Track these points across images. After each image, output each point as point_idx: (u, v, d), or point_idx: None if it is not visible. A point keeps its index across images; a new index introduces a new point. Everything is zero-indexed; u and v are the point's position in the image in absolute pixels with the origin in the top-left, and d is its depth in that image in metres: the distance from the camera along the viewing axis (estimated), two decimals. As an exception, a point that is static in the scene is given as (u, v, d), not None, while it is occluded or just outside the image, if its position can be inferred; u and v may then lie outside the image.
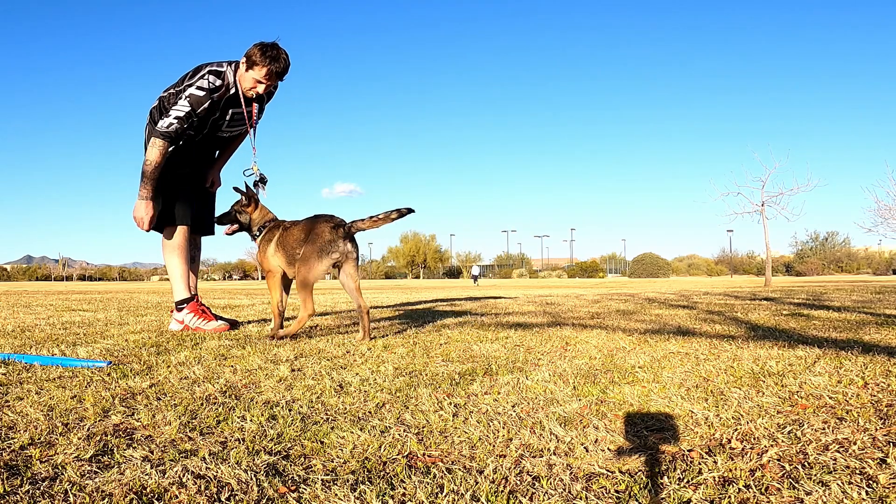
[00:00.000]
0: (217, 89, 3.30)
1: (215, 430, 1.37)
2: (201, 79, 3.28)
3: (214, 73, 3.31)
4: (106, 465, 1.14)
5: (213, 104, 3.34)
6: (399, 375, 1.99)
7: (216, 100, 3.34)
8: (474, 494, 1.01)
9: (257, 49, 3.26)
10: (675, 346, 2.62)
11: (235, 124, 3.55)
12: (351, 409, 1.56)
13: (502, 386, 1.81)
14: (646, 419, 1.43)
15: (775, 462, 1.13)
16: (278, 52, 3.27)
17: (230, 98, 3.40)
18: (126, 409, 1.54)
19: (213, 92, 3.29)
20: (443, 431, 1.35)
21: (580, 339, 2.91)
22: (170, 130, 3.24)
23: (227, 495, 1.01)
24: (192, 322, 3.50)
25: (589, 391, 1.72)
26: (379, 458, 1.19)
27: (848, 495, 0.98)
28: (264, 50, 3.25)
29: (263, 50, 3.25)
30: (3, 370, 2.08)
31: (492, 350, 2.56)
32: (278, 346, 2.73)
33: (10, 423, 1.42)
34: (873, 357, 2.18)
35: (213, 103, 3.33)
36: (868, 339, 2.78)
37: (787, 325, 3.50)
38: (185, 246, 3.59)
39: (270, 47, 3.26)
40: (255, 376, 1.99)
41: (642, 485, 1.04)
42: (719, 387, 1.75)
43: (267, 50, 3.25)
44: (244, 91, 3.38)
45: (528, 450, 1.23)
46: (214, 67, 3.33)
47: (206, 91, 3.26)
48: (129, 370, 2.09)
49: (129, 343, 2.87)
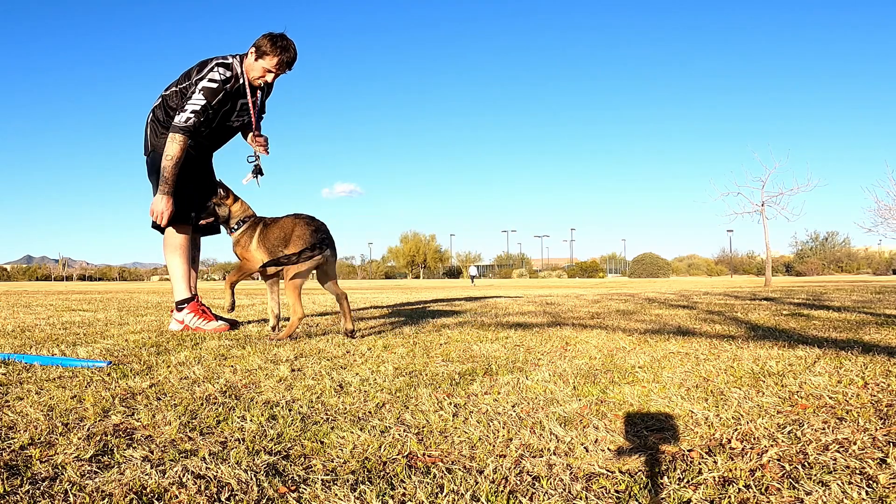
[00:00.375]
0: (228, 80, 3.37)
1: (215, 430, 1.37)
2: (212, 72, 3.34)
3: (223, 66, 3.37)
4: (106, 465, 1.14)
5: (227, 95, 3.40)
6: (399, 375, 1.99)
7: (229, 91, 3.40)
8: (474, 494, 1.01)
9: (267, 39, 3.33)
10: (675, 346, 2.63)
11: (243, 114, 3.59)
12: (351, 409, 1.56)
13: (502, 386, 1.81)
14: (646, 419, 1.43)
15: (775, 462, 1.13)
16: (287, 42, 3.36)
17: (238, 88, 3.46)
18: (126, 409, 1.54)
19: (226, 83, 3.37)
20: (443, 431, 1.35)
21: (580, 339, 2.91)
22: (188, 125, 3.30)
23: (227, 495, 1.01)
24: (193, 322, 3.50)
25: (589, 391, 1.72)
26: (379, 458, 1.19)
27: (848, 495, 0.98)
28: (274, 40, 3.33)
29: (273, 40, 3.33)
30: (3, 370, 2.08)
31: (492, 350, 2.56)
32: (278, 346, 2.73)
33: (10, 423, 1.42)
34: (873, 357, 2.18)
35: (226, 94, 3.39)
36: (868, 339, 2.78)
37: (787, 325, 3.50)
38: (187, 246, 3.60)
39: (280, 37, 3.35)
40: (255, 376, 1.99)
41: (642, 485, 1.04)
42: (719, 387, 1.75)
43: (277, 40, 3.34)
44: (252, 80, 3.44)
45: (528, 450, 1.23)
46: (221, 60, 3.39)
47: (218, 83, 3.33)
48: (129, 370, 2.09)
49: (129, 343, 2.87)
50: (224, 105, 3.45)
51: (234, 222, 3.31)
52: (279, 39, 3.34)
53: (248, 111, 3.56)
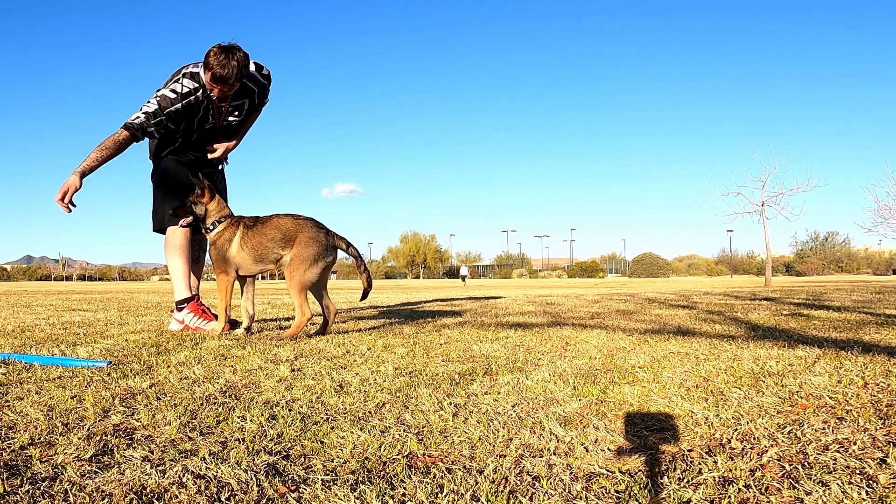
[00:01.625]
0: (191, 93, 3.26)
1: (215, 430, 1.37)
2: (176, 82, 3.26)
3: (190, 77, 3.26)
4: (106, 465, 1.14)
5: (190, 106, 3.29)
6: (399, 375, 1.99)
7: (193, 102, 3.29)
8: (474, 494, 1.01)
9: (210, 51, 3.13)
10: (675, 346, 2.62)
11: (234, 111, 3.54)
12: (351, 409, 1.56)
13: (502, 386, 1.81)
14: (646, 419, 1.43)
15: (775, 462, 1.13)
16: (228, 58, 3.10)
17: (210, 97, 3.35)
18: (126, 409, 1.54)
19: (186, 97, 3.25)
20: (443, 431, 1.35)
21: (580, 339, 2.91)
22: (134, 123, 3.20)
23: (227, 495, 1.01)
24: (192, 322, 3.50)
25: (589, 391, 1.72)
26: (379, 458, 1.19)
27: (848, 495, 0.98)
28: (215, 53, 3.11)
29: (215, 53, 3.11)
30: (3, 370, 2.08)
31: (492, 350, 2.56)
32: (278, 346, 2.73)
33: (10, 423, 1.42)
34: (873, 357, 2.18)
35: (188, 106, 3.28)
36: (868, 339, 2.78)
37: (787, 325, 3.50)
38: (187, 246, 3.59)
39: (222, 51, 3.11)
40: (255, 376, 1.99)
41: (642, 485, 1.04)
42: (719, 387, 1.75)
43: (217, 54, 3.11)
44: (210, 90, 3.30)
45: (528, 450, 1.23)
46: (192, 69, 3.28)
47: (177, 94, 3.23)
48: (129, 370, 2.09)
49: (129, 343, 2.87)
50: (193, 114, 3.35)
51: (209, 222, 3.24)
52: (220, 53, 3.10)
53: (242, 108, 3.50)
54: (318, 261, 3.07)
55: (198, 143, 3.61)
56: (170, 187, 3.56)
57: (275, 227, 3.11)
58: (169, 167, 3.57)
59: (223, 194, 3.78)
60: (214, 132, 3.59)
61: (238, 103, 3.51)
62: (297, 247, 3.04)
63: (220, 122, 3.52)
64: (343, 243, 3.17)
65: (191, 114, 3.36)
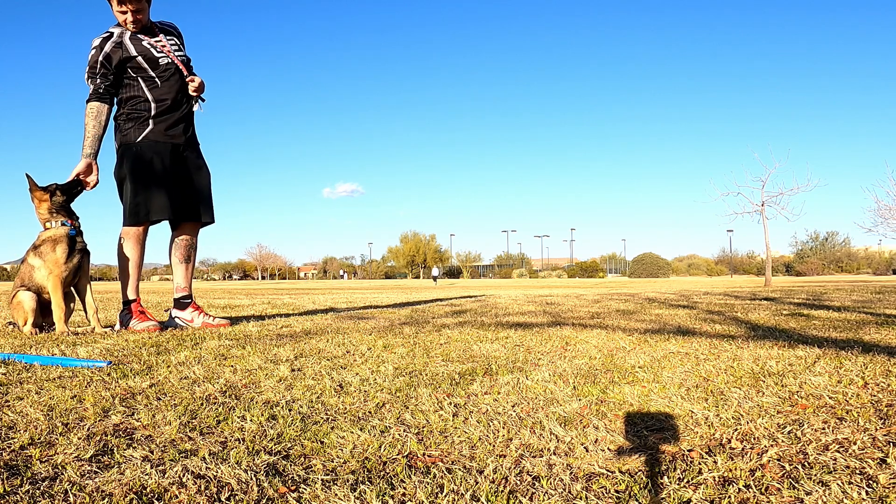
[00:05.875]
0: (108, 37, 3.50)
1: (215, 430, 1.37)
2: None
3: (103, 33, 3.54)
4: (106, 465, 1.14)
5: (117, 48, 3.48)
6: (399, 375, 1.99)
7: (118, 43, 3.49)
8: (474, 494, 1.01)
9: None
10: (675, 346, 2.63)
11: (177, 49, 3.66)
12: (351, 409, 1.56)
13: (502, 386, 1.81)
14: (646, 419, 1.43)
15: (775, 462, 1.13)
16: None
17: (132, 37, 3.52)
18: (126, 409, 1.54)
19: (105, 41, 3.48)
20: (443, 431, 1.35)
21: (580, 339, 2.91)
22: (89, 86, 3.47)
23: (227, 495, 1.01)
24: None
25: (589, 391, 1.72)
26: (379, 458, 1.19)
27: (848, 495, 0.98)
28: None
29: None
30: (3, 370, 2.08)
31: (492, 350, 2.56)
32: (278, 345, 2.73)
33: (10, 423, 1.42)
34: (873, 357, 2.18)
35: (116, 47, 3.48)
36: (868, 339, 2.78)
37: (787, 325, 3.50)
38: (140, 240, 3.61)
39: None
40: (255, 376, 1.99)
41: (642, 485, 1.04)
42: (719, 387, 1.75)
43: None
44: (126, 28, 3.51)
45: (528, 450, 1.23)
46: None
47: (96, 46, 3.47)
48: (129, 370, 2.09)
49: (129, 343, 2.87)
50: (126, 60, 3.49)
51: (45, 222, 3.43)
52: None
53: (157, 58, 3.55)
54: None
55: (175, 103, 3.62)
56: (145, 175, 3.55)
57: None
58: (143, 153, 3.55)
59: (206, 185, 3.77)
60: (179, 71, 3.62)
61: (172, 40, 3.66)
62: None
63: (172, 56, 3.59)
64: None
65: (130, 55, 3.49)
